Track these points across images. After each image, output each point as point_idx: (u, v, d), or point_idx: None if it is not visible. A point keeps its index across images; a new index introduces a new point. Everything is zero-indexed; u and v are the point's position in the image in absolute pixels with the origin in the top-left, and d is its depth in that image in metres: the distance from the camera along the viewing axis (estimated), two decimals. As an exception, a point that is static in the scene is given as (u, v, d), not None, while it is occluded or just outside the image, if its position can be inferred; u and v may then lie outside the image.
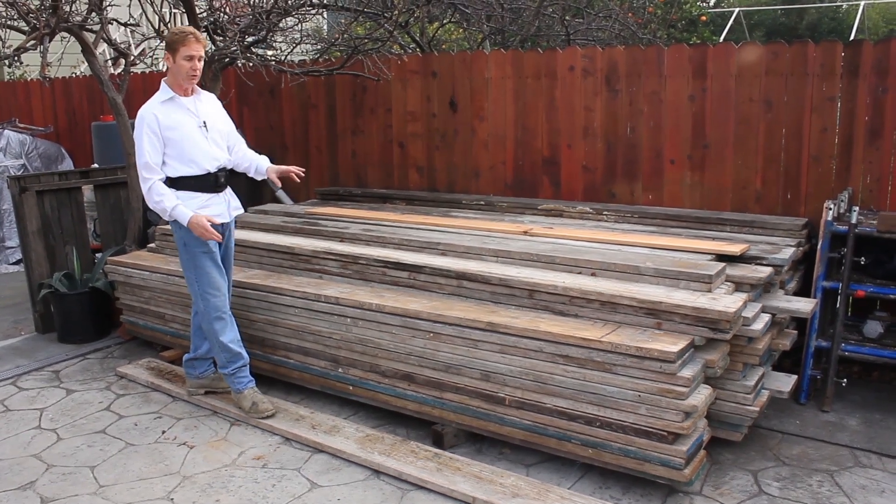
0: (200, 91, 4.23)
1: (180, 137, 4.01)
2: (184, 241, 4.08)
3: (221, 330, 4.15)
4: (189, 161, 4.05)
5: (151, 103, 4.03)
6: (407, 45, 8.22)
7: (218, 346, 4.17)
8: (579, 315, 3.65)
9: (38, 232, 5.72)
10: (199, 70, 4.05)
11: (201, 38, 4.05)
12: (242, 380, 4.25)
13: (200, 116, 4.12)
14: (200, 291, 4.13)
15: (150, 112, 3.98)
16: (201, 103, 4.18)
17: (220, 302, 4.14)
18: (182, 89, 4.08)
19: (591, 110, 5.30)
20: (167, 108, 4.02)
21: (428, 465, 3.63)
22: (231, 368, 4.21)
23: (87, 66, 6.50)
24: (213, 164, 4.13)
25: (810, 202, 4.64)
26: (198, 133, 4.08)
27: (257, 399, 4.21)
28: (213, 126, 4.17)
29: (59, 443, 4.08)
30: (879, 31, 21.91)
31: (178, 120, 4.02)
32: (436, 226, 4.83)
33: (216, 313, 4.13)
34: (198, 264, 4.09)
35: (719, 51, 4.83)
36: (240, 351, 4.22)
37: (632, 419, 3.32)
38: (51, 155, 8.51)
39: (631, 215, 4.90)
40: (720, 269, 3.65)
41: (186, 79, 4.02)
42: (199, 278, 4.11)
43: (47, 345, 5.56)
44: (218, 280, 4.13)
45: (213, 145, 4.15)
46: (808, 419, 4.12)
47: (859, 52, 4.43)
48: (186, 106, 4.08)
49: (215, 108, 4.31)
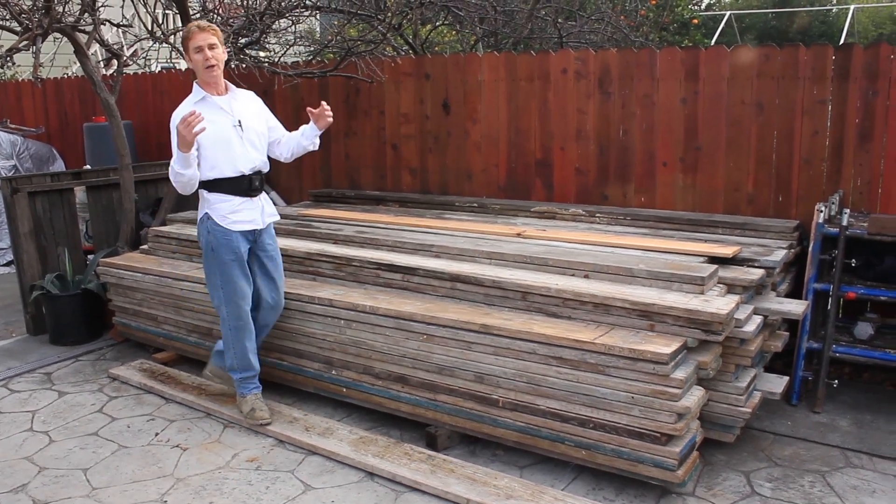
0: (236, 89, 4.08)
1: (213, 138, 3.86)
2: (211, 246, 3.98)
3: (240, 338, 4.06)
4: (221, 163, 3.90)
5: (184, 105, 3.91)
6: (400, 47, 8.22)
7: (233, 352, 4.11)
8: (572, 317, 3.67)
9: (29, 233, 5.70)
10: (216, 58, 3.88)
11: (207, 27, 3.89)
12: (248, 385, 4.20)
13: (235, 115, 3.96)
14: (225, 299, 4.02)
15: (181, 114, 3.81)
16: (236, 101, 4.02)
17: (244, 311, 4.04)
18: (212, 87, 3.94)
19: (583, 113, 5.32)
20: (200, 108, 3.84)
21: (422, 467, 3.64)
22: (240, 375, 4.17)
23: (79, 67, 6.49)
24: (247, 166, 3.98)
25: (801, 204, 4.67)
26: (232, 133, 3.93)
27: (256, 405, 4.16)
28: (249, 126, 4.00)
29: (52, 445, 4.07)
30: (869, 35, 22.05)
31: (212, 120, 3.84)
32: (429, 228, 4.84)
33: (238, 322, 4.04)
34: (224, 272, 3.98)
35: (711, 54, 4.86)
36: (253, 361, 4.15)
37: (625, 421, 3.34)
38: (42, 156, 8.48)
39: (623, 217, 4.92)
40: (712, 271, 3.67)
41: (205, 72, 3.87)
42: (224, 286, 4.01)
43: (39, 347, 5.54)
44: (244, 289, 4.03)
45: (249, 146, 3.99)
46: (799, 420, 4.15)
47: (849, 55, 4.46)
48: (220, 105, 3.94)
49: (252, 106, 4.13)
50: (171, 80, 7.80)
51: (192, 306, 4.83)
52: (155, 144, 7.95)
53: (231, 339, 4.09)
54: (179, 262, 5.12)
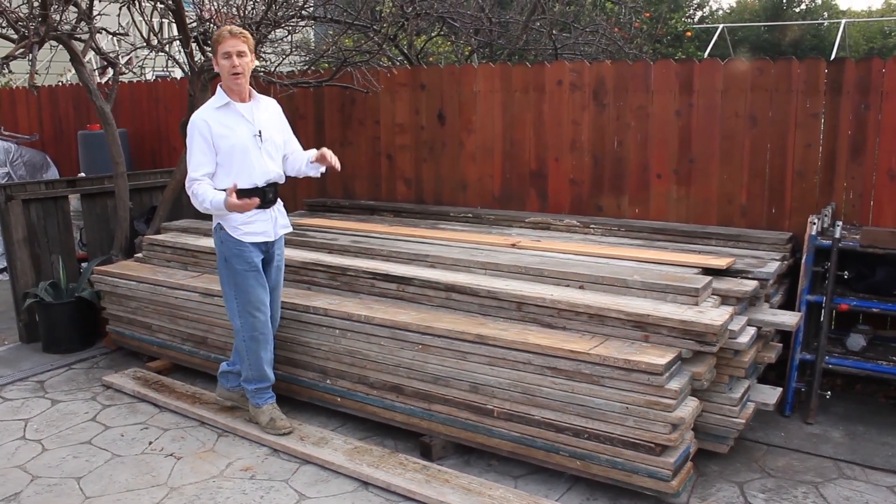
0: (259, 97, 4.00)
1: (231, 147, 3.81)
2: (225, 256, 3.94)
3: (256, 349, 4.01)
4: (238, 173, 3.83)
5: (205, 109, 3.86)
6: (395, 57, 8.25)
7: (248, 363, 4.06)
8: (567, 327, 3.68)
9: (23, 241, 5.68)
10: (243, 67, 3.80)
11: (238, 33, 3.80)
12: (263, 396, 4.16)
13: (256, 125, 3.89)
14: (239, 310, 3.97)
15: (202, 118, 3.80)
16: (258, 111, 3.94)
17: (260, 322, 3.98)
18: (235, 94, 3.86)
19: (578, 124, 5.35)
20: (221, 114, 3.82)
21: (416, 476, 3.63)
22: (254, 386, 4.12)
23: (74, 75, 6.48)
24: (262, 178, 3.91)
25: (795, 216, 4.71)
26: (251, 143, 3.86)
27: (275, 415, 4.12)
28: (269, 137, 3.94)
29: (45, 454, 4.05)
30: (860, 49, 22.24)
31: (232, 128, 3.81)
32: (424, 238, 4.85)
33: (253, 332, 3.99)
34: (239, 282, 3.93)
35: (705, 67, 4.90)
36: (268, 372, 4.10)
37: (619, 431, 3.35)
38: (36, 163, 8.47)
39: (618, 229, 4.94)
40: (707, 282, 3.69)
41: (230, 79, 3.80)
42: (238, 296, 3.96)
43: (32, 354, 5.52)
44: (260, 297, 3.96)
45: (266, 157, 3.92)
46: (792, 431, 4.16)
47: (842, 69, 4.51)
48: (242, 113, 3.87)
49: (273, 116, 4.06)
50: (167, 88, 7.81)
51: (187, 315, 4.82)
52: (149, 152, 7.96)
53: (245, 349, 4.03)
54: (174, 271, 5.12)
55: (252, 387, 4.13)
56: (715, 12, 26.64)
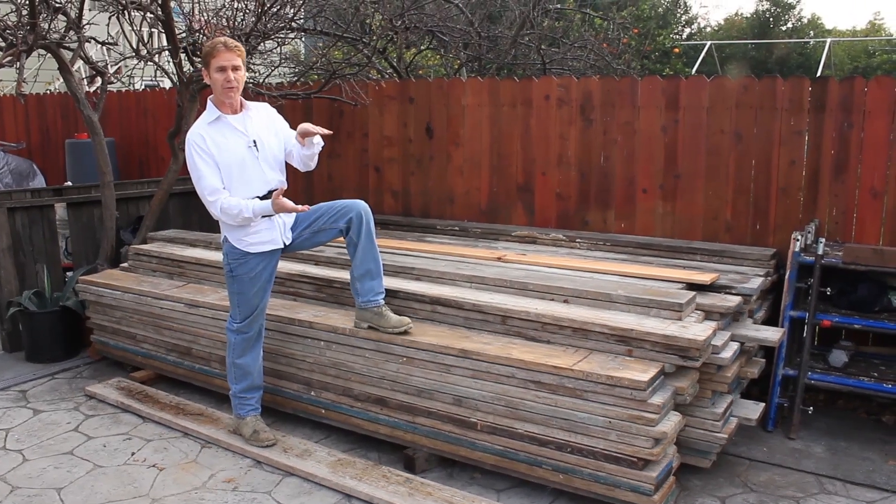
0: (250, 105, 3.94)
1: (228, 161, 3.77)
2: (230, 268, 3.95)
3: (242, 347, 4.05)
4: (237, 187, 3.79)
5: (198, 125, 3.82)
6: (384, 70, 8.28)
7: (232, 363, 4.09)
8: (551, 341, 3.69)
9: (8, 249, 5.65)
10: (237, 81, 3.76)
11: (234, 47, 3.75)
12: (246, 406, 4.15)
13: (250, 135, 3.84)
14: (240, 316, 4.02)
15: (198, 133, 3.77)
16: (251, 120, 3.88)
17: (256, 323, 4.04)
18: (227, 106, 3.82)
19: (565, 139, 5.38)
20: (214, 128, 3.79)
21: (399, 489, 3.63)
22: (239, 388, 4.11)
23: (62, 83, 6.47)
24: (263, 187, 3.85)
25: (778, 233, 4.74)
26: (247, 154, 3.81)
27: (259, 427, 4.11)
28: (265, 145, 3.88)
29: (25, 464, 4.02)
30: (845, 67, 22.48)
31: (226, 142, 3.78)
32: (410, 251, 4.86)
33: (248, 332, 4.04)
34: (242, 290, 3.95)
35: (692, 83, 4.94)
36: (252, 373, 4.10)
37: (602, 445, 3.35)
38: (22, 171, 8.42)
39: (603, 243, 4.97)
40: (690, 297, 3.72)
41: (223, 93, 3.76)
42: (241, 304, 3.99)
43: (14, 364, 5.48)
44: (261, 304, 4.01)
45: (265, 166, 3.87)
46: (775, 446, 4.18)
47: (826, 88, 4.56)
48: (234, 125, 3.82)
49: (267, 122, 3.97)
50: (155, 98, 7.80)
51: (172, 325, 4.81)
52: (137, 162, 7.94)
53: (234, 346, 4.05)
54: (159, 281, 5.10)
55: (236, 389, 4.12)
56: (703, 29, 26.88)
